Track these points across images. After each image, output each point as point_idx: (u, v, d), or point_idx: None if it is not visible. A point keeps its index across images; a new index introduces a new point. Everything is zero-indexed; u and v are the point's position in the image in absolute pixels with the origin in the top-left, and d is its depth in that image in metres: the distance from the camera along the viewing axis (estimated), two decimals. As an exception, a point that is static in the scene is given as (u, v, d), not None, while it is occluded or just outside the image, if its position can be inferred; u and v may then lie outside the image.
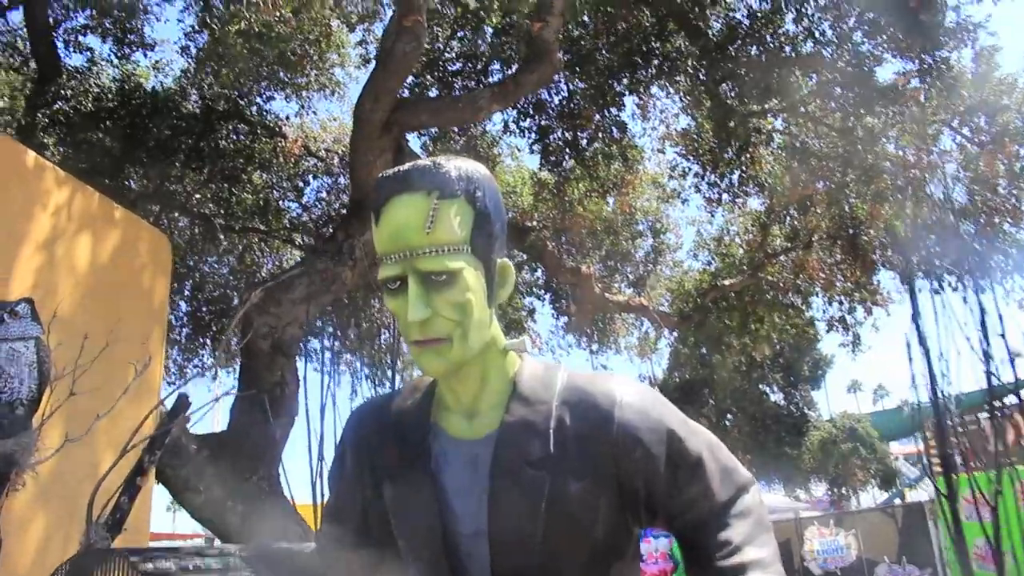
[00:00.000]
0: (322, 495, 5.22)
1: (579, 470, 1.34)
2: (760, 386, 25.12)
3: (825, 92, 8.92)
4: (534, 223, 12.08)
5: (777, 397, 26.42)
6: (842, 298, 11.64)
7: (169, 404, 3.02)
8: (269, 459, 7.16)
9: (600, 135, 10.57)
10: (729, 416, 24.75)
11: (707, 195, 10.62)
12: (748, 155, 9.36)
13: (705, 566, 1.34)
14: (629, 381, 1.45)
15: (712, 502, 1.38)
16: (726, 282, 12.36)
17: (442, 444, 1.43)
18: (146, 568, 2.02)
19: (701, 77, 8.98)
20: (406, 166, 1.35)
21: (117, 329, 3.44)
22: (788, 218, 11.45)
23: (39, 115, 9.22)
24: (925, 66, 7.25)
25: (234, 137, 11.13)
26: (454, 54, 10.57)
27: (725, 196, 10.54)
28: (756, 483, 1.48)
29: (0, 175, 3.82)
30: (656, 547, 11.59)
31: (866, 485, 30.19)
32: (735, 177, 10.13)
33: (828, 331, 12.23)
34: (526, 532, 1.32)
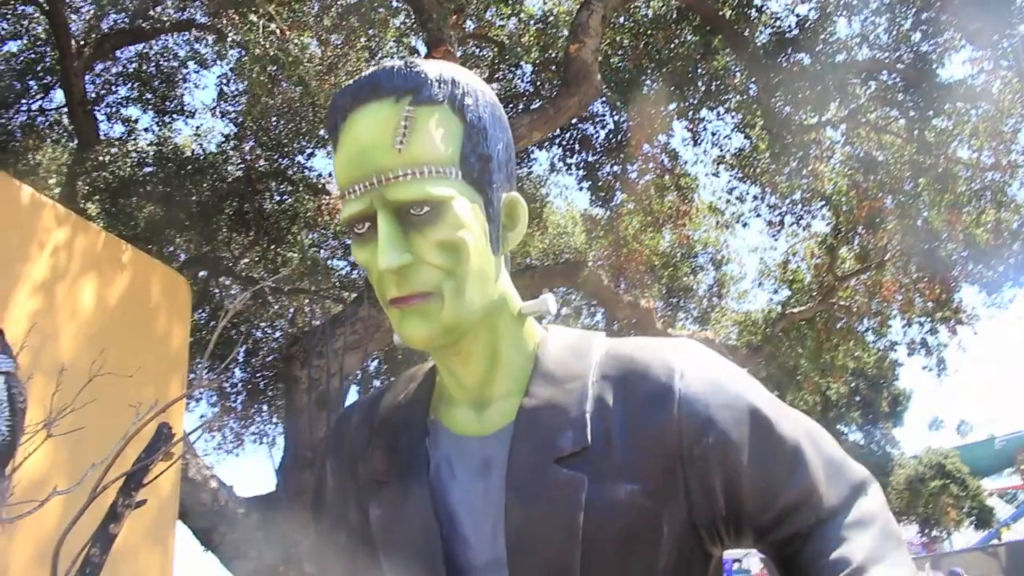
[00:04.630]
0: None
1: (629, 469, 0.95)
2: (837, 426, 24.20)
3: (886, 98, 8.41)
4: (588, 262, 11.72)
5: (856, 436, 25.49)
6: (922, 319, 10.94)
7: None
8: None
9: (650, 166, 10.20)
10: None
11: (768, 218, 10.14)
12: (808, 171, 8.85)
13: None
14: (692, 346, 1.04)
15: (819, 508, 0.98)
16: (795, 310, 11.75)
17: (444, 446, 1.05)
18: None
19: (751, 93, 8.57)
20: (370, 69, 0.98)
21: (124, 371, 3.13)
22: (857, 237, 10.83)
23: (79, 183, 9.21)
24: (997, 52, 6.72)
25: (277, 198, 11.06)
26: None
27: (787, 218, 10.05)
28: (875, 481, 1.05)
29: (-8, 211, 3.60)
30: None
31: (960, 524, 28.66)
32: (796, 196, 9.64)
33: (910, 355, 11.49)
34: (559, 559, 0.93)
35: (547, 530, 0.93)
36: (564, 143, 10.00)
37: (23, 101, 10.28)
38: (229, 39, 8.04)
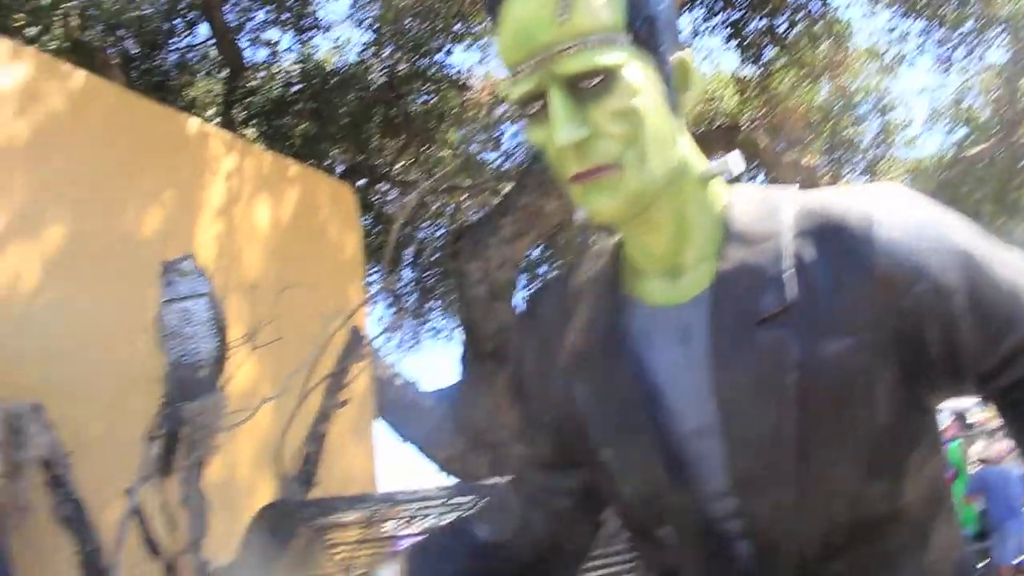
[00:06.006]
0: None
1: (837, 323, 0.90)
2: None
3: None
4: (743, 125, 11.28)
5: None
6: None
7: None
8: (505, 406, 7.03)
9: (799, 15, 9.59)
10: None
11: (936, 54, 9.38)
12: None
13: None
14: (893, 189, 0.97)
15: None
16: (973, 151, 10.95)
17: (640, 319, 1.03)
18: (333, 519, 1.78)
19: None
20: None
21: (306, 283, 3.29)
22: (1042, 62, 9.87)
23: (234, 111, 9.59)
24: None
25: (422, 99, 11.16)
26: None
27: (958, 51, 9.25)
28: None
29: (167, 146, 3.79)
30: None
31: None
32: (967, 26, 8.83)
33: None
34: (773, 421, 0.90)
35: (758, 392, 0.91)
36: (706, 3, 9.52)
37: (172, 40, 10.70)
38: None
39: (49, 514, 2.67)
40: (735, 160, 1.01)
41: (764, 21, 9.64)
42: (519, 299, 7.56)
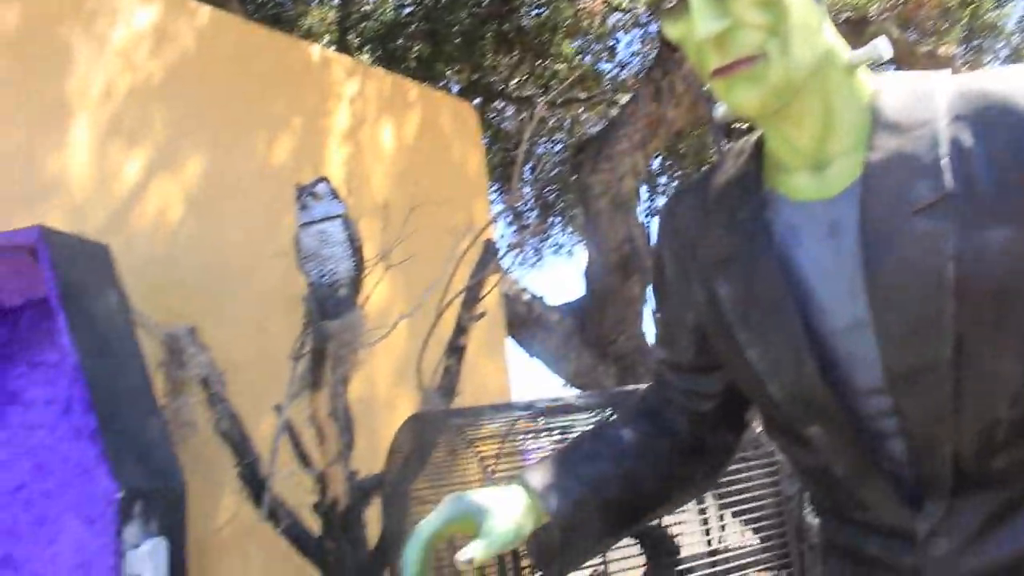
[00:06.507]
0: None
1: (1000, 212, 0.86)
2: None
3: None
4: (872, 17, 10.65)
5: None
6: None
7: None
8: (632, 317, 7.03)
9: None
10: None
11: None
12: None
13: None
14: None
15: None
16: None
17: (785, 214, 1.01)
18: (477, 426, 1.84)
19: None
20: None
21: (434, 202, 3.35)
22: None
23: (349, 37, 9.68)
24: None
25: (534, 12, 10.97)
26: None
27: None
28: None
29: (292, 75, 3.88)
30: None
31: None
32: None
33: None
34: (929, 315, 0.87)
35: (913, 286, 0.88)
36: None
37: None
38: None
39: (210, 429, 2.83)
40: (884, 45, 0.98)
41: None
42: (642, 210, 7.49)
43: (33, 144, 3.17)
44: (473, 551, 0.99)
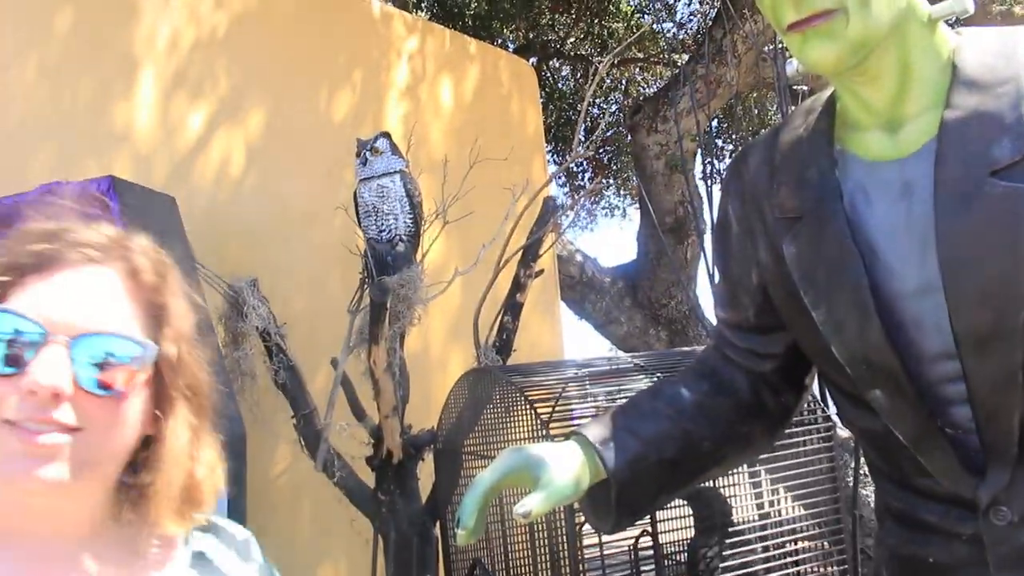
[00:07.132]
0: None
1: None
2: None
3: None
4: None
5: None
6: None
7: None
8: (684, 281, 6.98)
9: None
10: None
11: None
12: None
13: None
14: None
15: None
16: None
17: (856, 173, 0.98)
18: (532, 383, 1.85)
19: None
20: None
21: (493, 159, 3.34)
22: None
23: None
24: None
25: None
26: None
27: None
28: None
29: (352, 30, 3.88)
30: None
31: None
32: None
33: None
34: (1003, 279, 0.85)
35: (987, 249, 0.86)
36: None
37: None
38: None
39: (268, 380, 2.87)
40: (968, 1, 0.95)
41: None
42: (697, 173, 7.38)
43: (102, 97, 3.23)
44: (532, 503, 1.00)
